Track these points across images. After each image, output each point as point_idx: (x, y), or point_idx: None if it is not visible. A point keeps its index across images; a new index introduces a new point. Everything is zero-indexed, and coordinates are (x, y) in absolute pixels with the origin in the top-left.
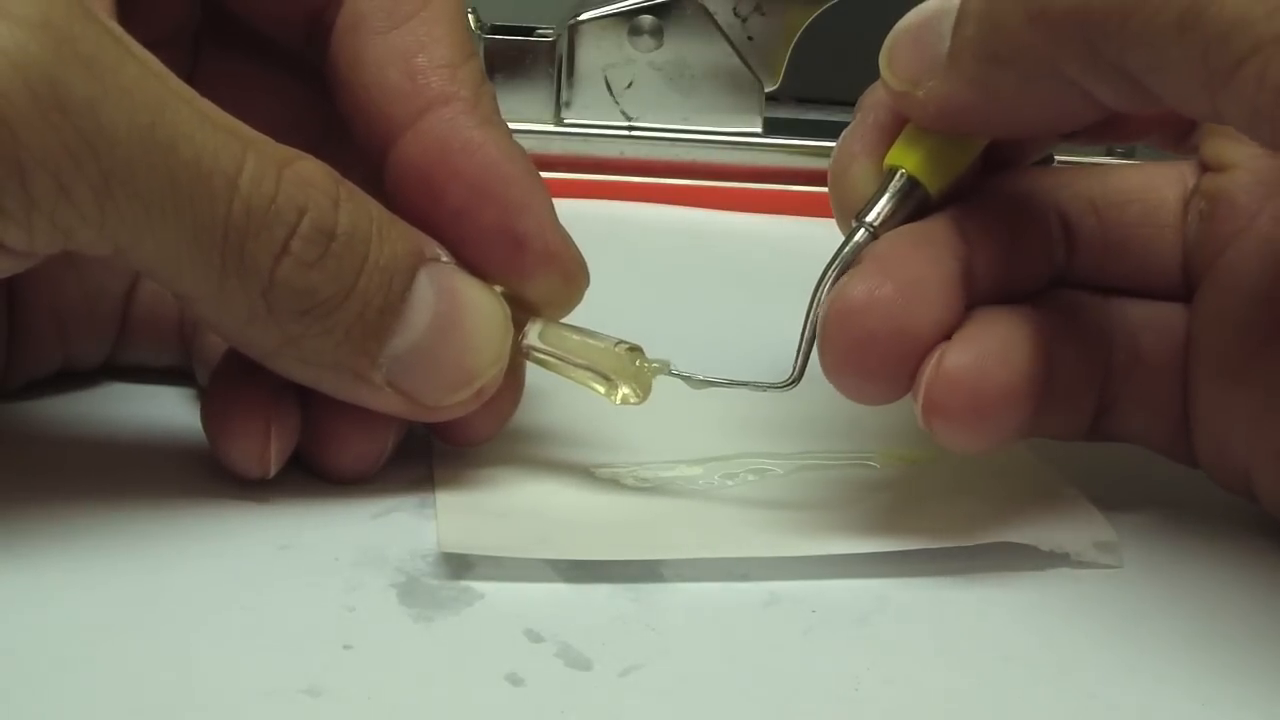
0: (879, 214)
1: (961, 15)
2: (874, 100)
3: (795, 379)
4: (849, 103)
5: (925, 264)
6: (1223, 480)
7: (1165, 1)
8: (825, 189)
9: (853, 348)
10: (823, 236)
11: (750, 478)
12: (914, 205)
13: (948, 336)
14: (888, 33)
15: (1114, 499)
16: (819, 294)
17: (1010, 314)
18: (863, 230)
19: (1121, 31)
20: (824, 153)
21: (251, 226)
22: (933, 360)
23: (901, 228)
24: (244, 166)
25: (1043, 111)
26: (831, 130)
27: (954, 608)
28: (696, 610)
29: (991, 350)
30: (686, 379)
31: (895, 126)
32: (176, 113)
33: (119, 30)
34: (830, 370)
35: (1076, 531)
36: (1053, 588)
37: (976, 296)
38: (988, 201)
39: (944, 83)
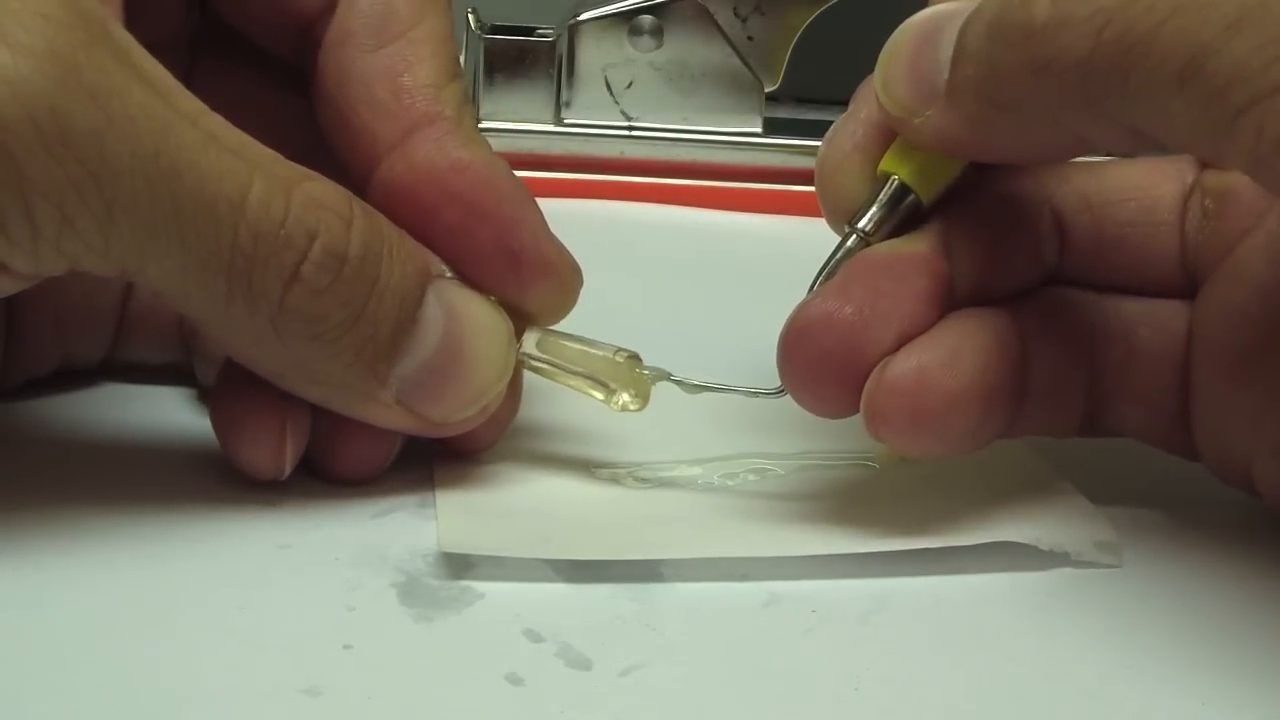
0: (871, 220)
1: (960, 53)
2: (867, 95)
3: (784, 387)
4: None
5: (891, 282)
6: (1223, 474)
7: (1165, 56)
8: None
9: (807, 366)
10: (823, 236)
11: (750, 478)
12: (907, 212)
13: None
14: (887, 33)
15: (1114, 497)
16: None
17: (975, 318)
18: (855, 237)
19: (1123, 86)
20: None
21: (259, 253)
22: (877, 369)
23: (885, 243)
24: (250, 191)
25: (1041, 149)
26: None
27: (954, 608)
28: (696, 610)
29: (935, 357)
30: (681, 384)
31: (887, 126)
32: (181, 137)
33: (127, 43)
34: (788, 386)
35: (1076, 531)
36: (1053, 588)
37: (956, 303)
38: (978, 201)
39: (941, 116)
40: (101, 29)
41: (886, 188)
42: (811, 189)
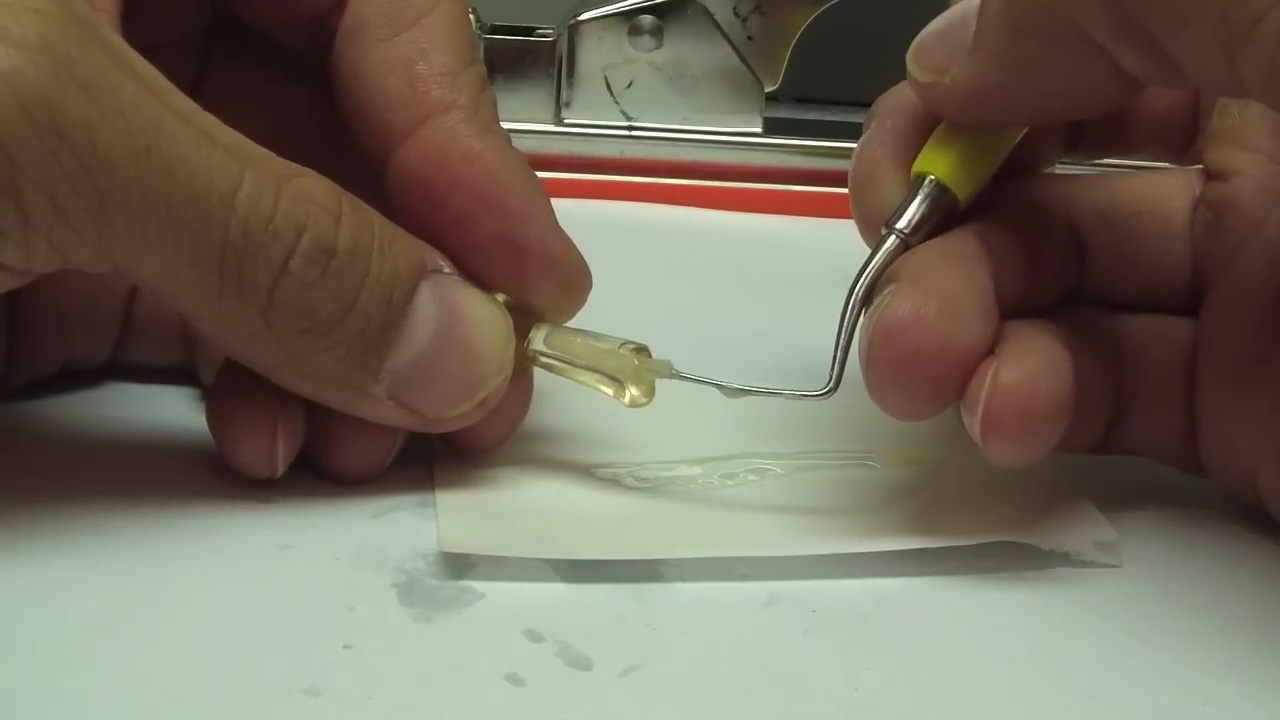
0: (910, 221)
1: None
2: (890, 106)
3: (832, 388)
4: (849, 103)
5: (962, 280)
6: (1229, 485)
7: None
8: (825, 189)
9: (899, 366)
10: (823, 236)
11: (750, 478)
12: (943, 212)
13: (989, 351)
14: (888, 33)
15: (1114, 499)
16: (852, 300)
17: (1043, 328)
18: (894, 238)
19: None
20: (824, 153)
21: (249, 247)
22: (987, 377)
23: (931, 242)
24: (241, 186)
25: (1068, 85)
26: (831, 130)
27: (954, 608)
28: (696, 610)
29: (1041, 364)
30: (722, 388)
31: (915, 132)
32: (173, 133)
33: (119, 44)
34: (875, 389)
35: (1076, 531)
36: (1053, 588)
37: (1004, 311)
38: (1007, 214)
39: (970, 65)
40: (94, 29)
41: (922, 187)
42: (811, 189)
